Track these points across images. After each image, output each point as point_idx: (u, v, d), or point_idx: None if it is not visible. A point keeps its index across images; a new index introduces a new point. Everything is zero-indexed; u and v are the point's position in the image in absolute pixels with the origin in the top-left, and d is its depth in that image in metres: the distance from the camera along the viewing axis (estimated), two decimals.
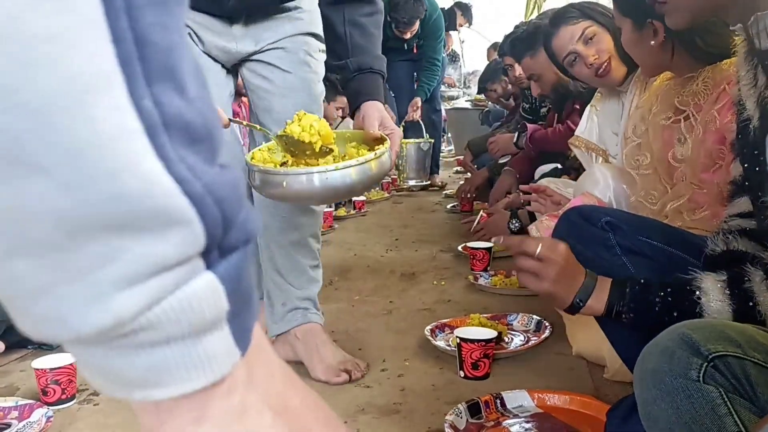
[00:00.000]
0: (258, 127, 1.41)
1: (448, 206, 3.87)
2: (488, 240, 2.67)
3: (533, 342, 1.67)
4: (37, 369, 1.45)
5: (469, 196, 3.54)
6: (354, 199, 4.07)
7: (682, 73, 1.47)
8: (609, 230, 1.24)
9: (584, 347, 1.55)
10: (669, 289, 0.98)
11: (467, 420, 1.27)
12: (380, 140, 1.31)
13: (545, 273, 1.05)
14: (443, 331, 1.76)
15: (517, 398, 1.33)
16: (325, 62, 1.53)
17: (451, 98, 7.51)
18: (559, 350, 1.62)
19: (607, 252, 1.24)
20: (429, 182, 4.80)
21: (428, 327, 1.76)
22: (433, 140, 4.71)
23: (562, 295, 1.05)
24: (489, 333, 1.52)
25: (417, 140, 4.55)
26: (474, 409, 1.29)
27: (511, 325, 1.80)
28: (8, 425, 1.36)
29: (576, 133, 2.03)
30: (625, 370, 1.24)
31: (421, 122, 4.70)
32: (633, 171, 1.61)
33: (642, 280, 1.03)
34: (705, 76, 1.41)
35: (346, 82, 1.46)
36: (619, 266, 1.24)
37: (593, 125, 1.98)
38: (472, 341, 1.47)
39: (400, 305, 2.07)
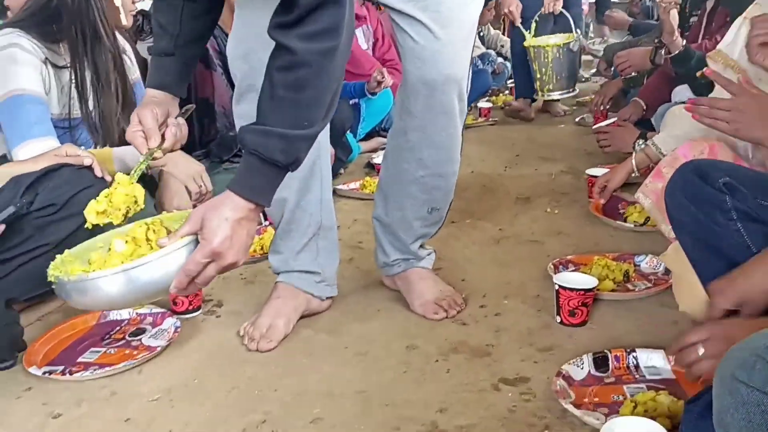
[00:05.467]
0: None
1: (577, 118, 3.70)
2: (612, 151, 2.54)
3: (653, 290, 1.61)
4: None
5: (602, 108, 3.35)
6: (480, 105, 3.98)
7: None
8: (726, 192, 1.16)
9: (689, 305, 1.49)
10: None
11: (589, 371, 1.27)
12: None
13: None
14: (567, 267, 1.74)
15: (652, 358, 1.30)
16: None
17: None
18: (664, 302, 1.57)
19: (721, 216, 1.17)
20: (578, 92, 3.67)
21: (551, 262, 1.75)
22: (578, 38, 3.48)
23: None
24: (589, 281, 1.50)
25: (564, 39, 3.38)
26: (601, 361, 1.29)
27: (639, 266, 1.74)
28: (143, 330, 1.54)
29: (719, 46, 1.80)
30: None
31: (566, 13, 3.55)
32: None
33: None
34: None
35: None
36: (733, 232, 1.17)
37: (739, 40, 1.75)
38: (571, 290, 1.46)
39: (510, 233, 2.08)
